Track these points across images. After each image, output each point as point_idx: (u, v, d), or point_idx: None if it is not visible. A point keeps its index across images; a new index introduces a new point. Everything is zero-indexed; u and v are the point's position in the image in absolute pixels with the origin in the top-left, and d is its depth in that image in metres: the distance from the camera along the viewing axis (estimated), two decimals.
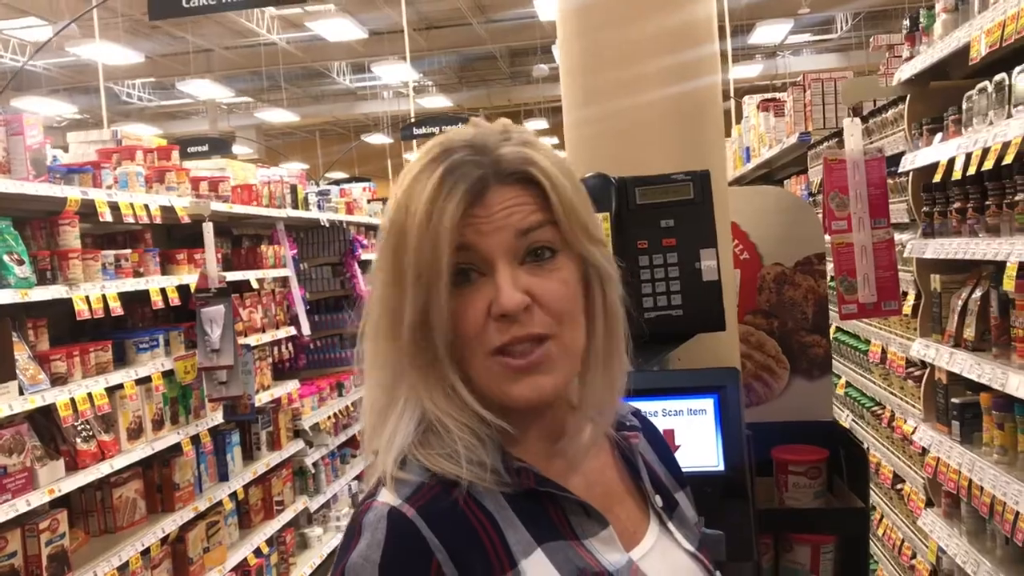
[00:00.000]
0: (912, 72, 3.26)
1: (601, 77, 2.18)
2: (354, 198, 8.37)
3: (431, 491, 0.97)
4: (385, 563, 0.93)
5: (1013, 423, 2.65)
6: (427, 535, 0.94)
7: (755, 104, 6.82)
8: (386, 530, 0.95)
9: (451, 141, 1.02)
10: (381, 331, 1.02)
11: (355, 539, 0.96)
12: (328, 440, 6.53)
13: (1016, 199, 2.52)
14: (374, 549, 0.94)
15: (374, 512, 0.97)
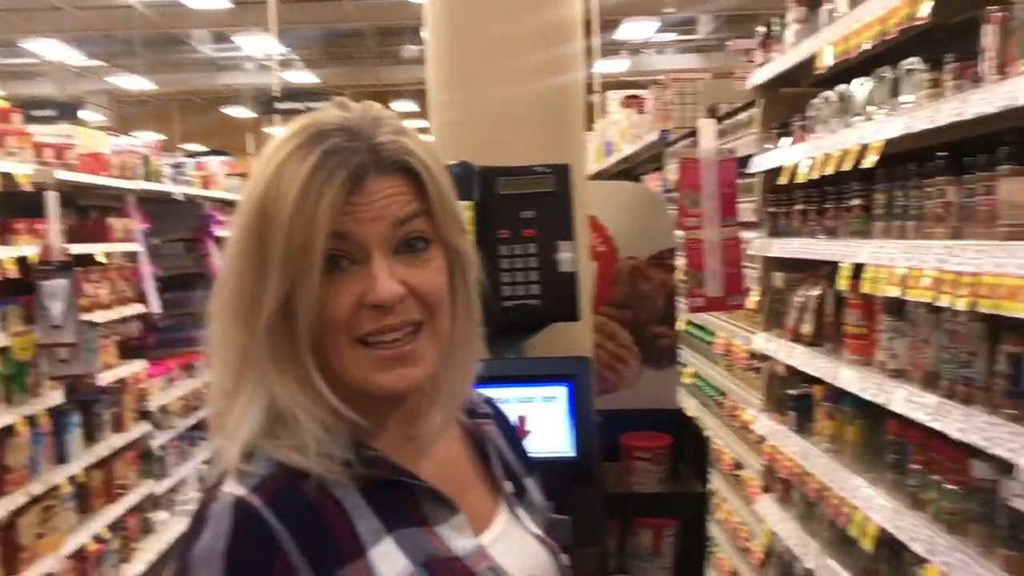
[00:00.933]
0: (764, 78, 3.42)
1: (469, 67, 2.19)
2: (211, 172, 8.10)
3: (279, 481, 0.96)
4: (231, 554, 0.92)
5: (842, 414, 2.83)
6: (275, 526, 0.93)
7: (618, 100, 6.98)
8: (231, 520, 0.93)
9: (324, 123, 1.00)
10: (233, 313, 1.00)
11: (200, 529, 0.95)
12: (177, 422, 6.33)
13: (852, 204, 2.68)
14: (220, 540, 0.93)
15: (219, 502, 0.95)
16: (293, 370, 0.99)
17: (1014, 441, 1.79)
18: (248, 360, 0.99)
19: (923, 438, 2.26)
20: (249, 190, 1.00)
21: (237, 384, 1.00)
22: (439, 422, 1.09)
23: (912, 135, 2.20)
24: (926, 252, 2.11)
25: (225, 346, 1.01)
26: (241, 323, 0.99)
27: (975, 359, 2.02)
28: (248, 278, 0.98)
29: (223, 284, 1.01)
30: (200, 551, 0.93)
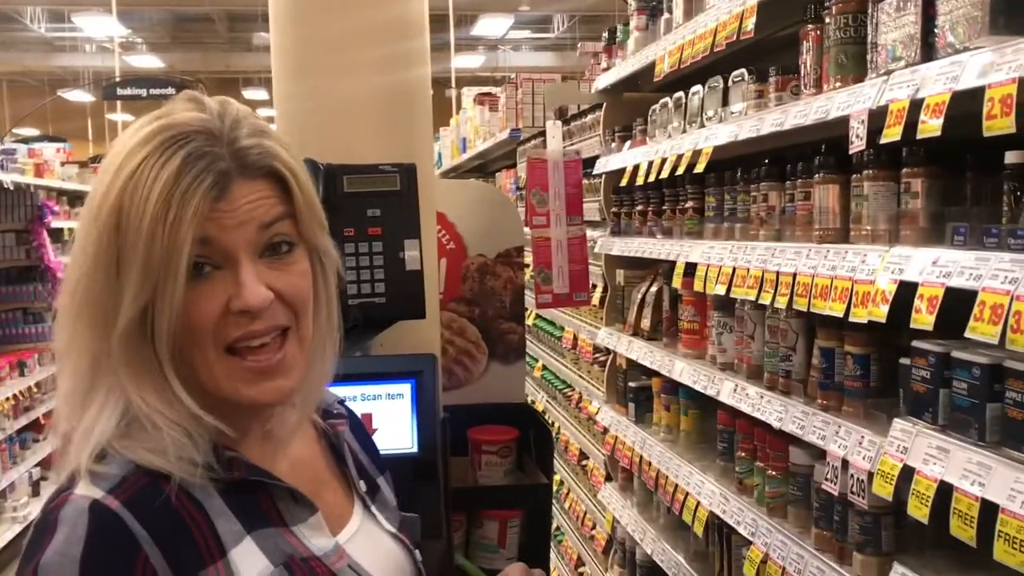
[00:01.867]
0: (608, 82, 3.54)
1: (312, 61, 2.18)
2: (45, 159, 7.68)
3: (136, 483, 0.94)
4: (87, 559, 0.89)
5: (677, 405, 2.97)
6: (134, 528, 0.92)
7: (472, 97, 7.04)
8: (88, 524, 0.91)
9: (182, 126, 0.98)
10: (84, 318, 0.97)
11: (48, 535, 0.91)
12: (6, 423, 5.98)
13: (686, 206, 2.82)
14: (74, 544, 0.90)
15: (72, 506, 0.92)
16: (150, 377, 0.97)
17: (825, 429, 1.94)
18: (100, 364, 0.97)
19: (748, 427, 2.41)
20: (101, 193, 0.96)
21: (88, 388, 0.98)
22: (294, 422, 1.10)
23: (740, 143, 2.34)
24: (750, 253, 2.25)
25: (75, 350, 0.99)
26: (94, 328, 0.96)
27: (794, 353, 2.17)
28: (101, 284, 0.96)
29: (72, 288, 0.98)
30: (52, 558, 0.89)
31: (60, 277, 7.11)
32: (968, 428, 1.52)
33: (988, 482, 1.42)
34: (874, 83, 1.73)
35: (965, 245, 1.53)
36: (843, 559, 1.93)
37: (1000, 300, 1.36)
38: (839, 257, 1.86)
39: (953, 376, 1.56)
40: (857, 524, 1.87)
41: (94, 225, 0.96)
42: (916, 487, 1.57)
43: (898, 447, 1.65)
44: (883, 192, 1.79)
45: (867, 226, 1.83)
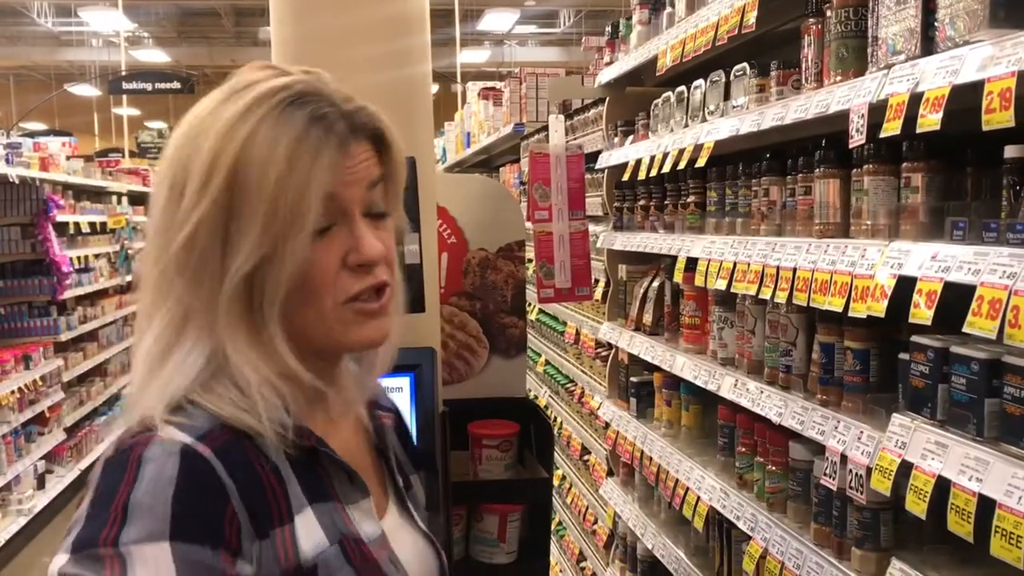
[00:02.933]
0: (611, 76, 3.53)
1: (313, 56, 2.18)
2: (51, 153, 7.69)
3: (222, 437, 0.95)
4: (180, 500, 0.89)
5: (679, 400, 2.97)
6: (223, 478, 0.93)
7: (477, 92, 7.04)
8: (178, 466, 0.91)
9: (299, 86, 1.00)
10: (186, 276, 0.99)
11: (129, 472, 0.91)
12: (11, 417, 6.00)
13: (688, 200, 2.81)
14: (164, 485, 0.90)
15: (160, 447, 0.92)
16: (252, 333, 0.99)
17: (824, 424, 1.93)
18: (191, 320, 0.99)
19: (749, 422, 2.41)
20: (210, 156, 0.97)
21: (171, 344, 0.99)
22: (353, 399, 1.14)
23: (742, 137, 2.33)
24: (751, 248, 2.25)
25: (166, 307, 1.00)
26: (196, 285, 0.98)
27: (794, 348, 2.16)
28: (207, 243, 0.97)
29: (168, 249, 0.99)
30: (142, 497, 0.89)
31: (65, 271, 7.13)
32: (966, 423, 1.51)
33: (986, 477, 1.41)
34: (874, 77, 1.73)
35: (964, 240, 1.52)
36: (842, 554, 1.93)
37: (998, 295, 1.36)
38: (839, 252, 1.85)
39: (952, 371, 1.56)
40: (856, 519, 1.86)
41: (202, 188, 0.97)
42: (914, 482, 1.56)
43: (897, 442, 1.64)
44: (883, 187, 1.79)
45: (867, 221, 1.82)
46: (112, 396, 8.53)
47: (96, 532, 0.88)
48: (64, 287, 7.23)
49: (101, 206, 8.95)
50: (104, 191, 9.40)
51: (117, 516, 0.88)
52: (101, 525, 0.88)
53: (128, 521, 0.88)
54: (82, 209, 8.27)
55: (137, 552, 0.87)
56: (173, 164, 1.00)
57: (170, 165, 1.00)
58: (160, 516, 0.88)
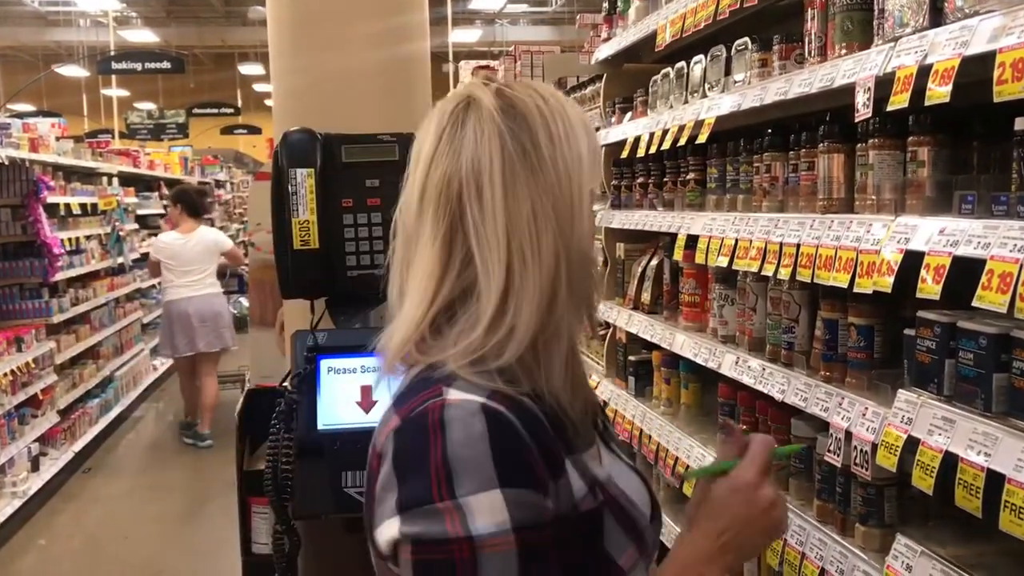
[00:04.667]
0: (608, 53, 3.50)
1: (310, 33, 2.15)
2: (40, 134, 7.61)
3: (505, 395, 1.04)
4: (497, 451, 0.99)
5: (678, 378, 2.96)
6: (521, 430, 1.02)
7: (470, 70, 6.99)
8: (485, 422, 1.00)
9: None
10: (558, 262, 1.09)
11: (435, 435, 1.00)
12: (4, 399, 5.97)
13: (688, 178, 2.79)
14: (478, 440, 0.99)
15: (458, 408, 1.01)
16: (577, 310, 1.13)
17: (828, 401, 1.92)
18: (558, 294, 1.09)
19: (750, 399, 2.40)
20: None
21: (546, 323, 1.09)
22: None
23: (743, 112, 2.31)
24: (753, 224, 2.23)
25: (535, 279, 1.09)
26: (550, 264, 1.09)
27: (796, 325, 2.15)
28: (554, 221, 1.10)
29: (522, 228, 1.09)
30: (462, 452, 0.98)
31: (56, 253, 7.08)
32: (974, 398, 1.50)
33: (994, 452, 1.41)
34: (880, 49, 1.71)
35: (973, 214, 1.50)
36: (845, 531, 1.92)
37: (1009, 268, 1.34)
38: (843, 227, 1.84)
39: (959, 346, 1.55)
40: (860, 496, 1.86)
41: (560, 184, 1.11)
42: (920, 458, 1.56)
43: (902, 418, 1.64)
44: (888, 161, 1.77)
45: (872, 196, 1.80)
46: (105, 378, 8.50)
47: (425, 490, 0.99)
48: (55, 269, 7.17)
49: (92, 187, 8.87)
50: (95, 172, 9.31)
51: (440, 473, 0.98)
52: (427, 483, 0.99)
53: (455, 476, 0.98)
54: (72, 190, 8.20)
55: (474, 502, 0.97)
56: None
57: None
58: (485, 467, 0.98)
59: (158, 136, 18.69)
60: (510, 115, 1.11)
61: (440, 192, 1.12)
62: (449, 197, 1.11)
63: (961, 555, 1.59)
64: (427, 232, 1.13)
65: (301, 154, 1.94)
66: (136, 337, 9.77)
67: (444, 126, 1.14)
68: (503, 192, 1.09)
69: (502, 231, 1.09)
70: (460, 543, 0.97)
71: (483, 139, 1.10)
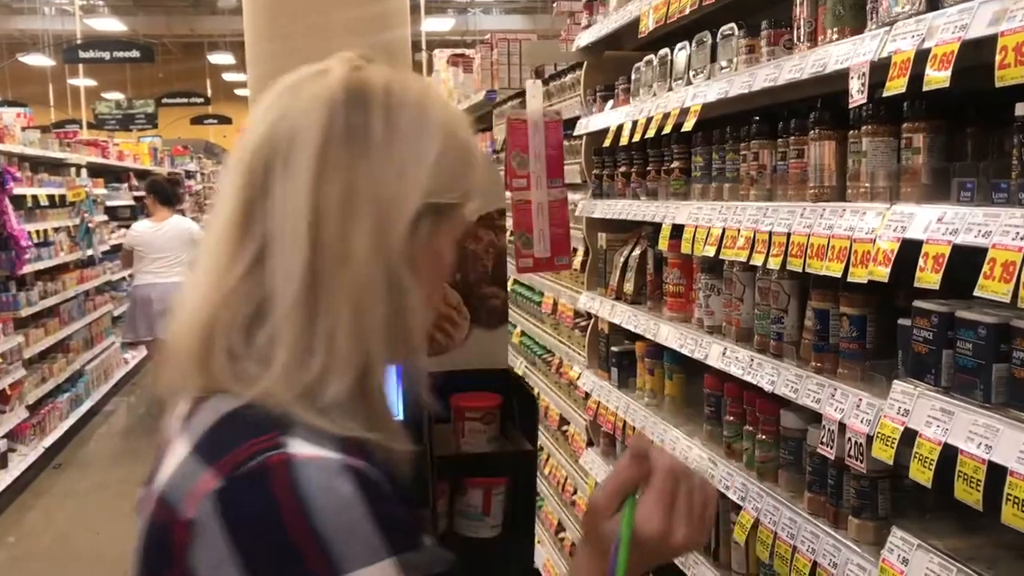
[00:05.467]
0: (589, 40, 3.45)
1: (289, 21, 2.09)
2: (5, 124, 7.46)
3: (357, 447, 0.90)
4: (376, 516, 0.84)
5: (662, 369, 2.93)
6: (388, 488, 0.89)
7: (445, 59, 6.91)
8: (355, 485, 0.85)
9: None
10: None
11: (291, 503, 0.83)
12: None
13: (672, 166, 2.76)
14: (353, 507, 0.84)
15: (315, 467, 0.85)
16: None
17: (820, 392, 1.90)
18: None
19: (737, 390, 2.37)
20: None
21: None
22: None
23: (730, 99, 2.27)
24: (741, 213, 2.20)
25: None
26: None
27: (785, 315, 2.12)
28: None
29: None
30: (335, 521, 0.82)
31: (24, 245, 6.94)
32: (973, 390, 1.48)
33: (995, 444, 1.38)
34: (875, 34, 1.67)
35: (972, 201, 1.48)
36: (838, 523, 1.90)
37: (1012, 257, 1.32)
38: (836, 215, 1.81)
39: (957, 336, 1.52)
40: (853, 488, 1.84)
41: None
42: (919, 450, 1.53)
43: (899, 410, 1.61)
44: (882, 148, 1.74)
45: (865, 183, 1.77)
46: (75, 373, 8.36)
47: (302, 572, 0.82)
48: (23, 262, 7.04)
49: (60, 179, 8.72)
50: (62, 163, 9.15)
51: (314, 549, 0.82)
52: (300, 564, 0.82)
53: (334, 550, 0.82)
54: (40, 182, 8.06)
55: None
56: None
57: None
58: (369, 536, 0.84)
59: (127, 126, 18.43)
60: (352, 92, 0.98)
61: (249, 156, 0.97)
62: (254, 166, 0.96)
63: (958, 548, 1.57)
64: (223, 206, 0.97)
65: None
66: (107, 330, 9.63)
67: (287, 88, 1.01)
68: (314, 170, 0.93)
69: (304, 215, 0.92)
70: None
71: (311, 108, 0.96)
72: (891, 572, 1.63)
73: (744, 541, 2.22)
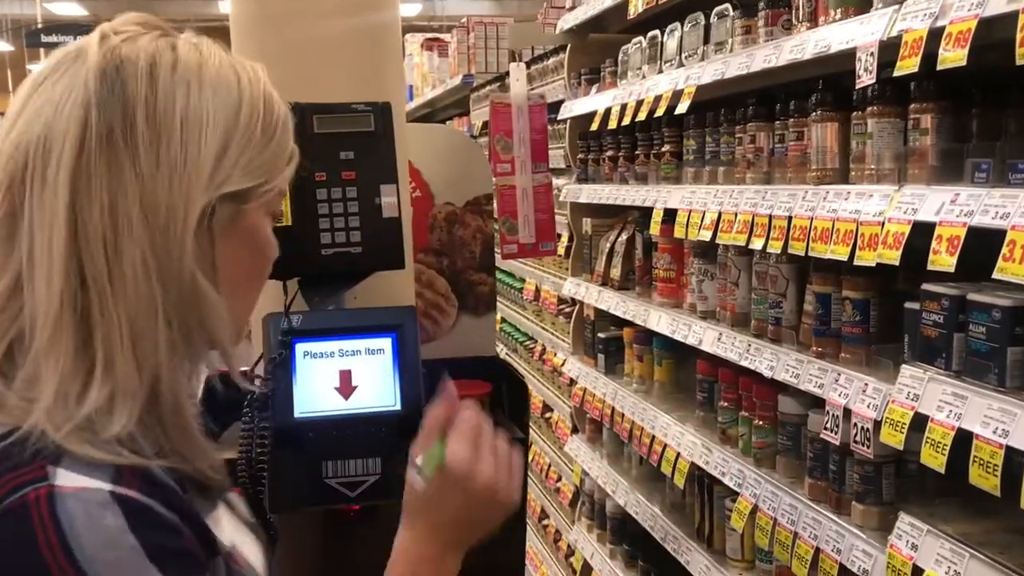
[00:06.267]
0: (574, 23, 3.40)
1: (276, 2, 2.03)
2: None
3: (135, 474, 0.82)
4: (151, 548, 0.78)
5: (651, 355, 2.90)
6: (167, 516, 0.82)
7: (419, 43, 6.83)
8: (123, 515, 0.79)
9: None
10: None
11: (51, 537, 0.76)
12: None
13: (663, 150, 2.72)
14: (120, 537, 0.78)
15: (78, 499, 0.78)
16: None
17: (823, 377, 1.88)
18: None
19: (732, 376, 2.35)
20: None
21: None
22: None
23: (725, 81, 2.24)
24: (738, 196, 2.17)
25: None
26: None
27: (784, 300, 2.10)
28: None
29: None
30: (101, 555, 0.77)
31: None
32: (986, 373, 1.46)
33: (1013, 429, 1.36)
34: (883, 13, 1.64)
35: (988, 182, 1.45)
36: (840, 509, 1.88)
37: None
38: (841, 198, 1.78)
39: (969, 320, 1.50)
40: (857, 474, 1.82)
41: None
42: (931, 435, 1.51)
43: (908, 394, 1.59)
44: (889, 129, 1.71)
45: (871, 165, 1.75)
46: None
47: None
48: None
49: None
50: None
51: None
52: None
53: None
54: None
55: None
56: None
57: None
58: (139, 568, 0.78)
59: None
60: (110, 79, 0.86)
61: (4, 163, 0.86)
62: (13, 173, 0.86)
63: (968, 533, 1.55)
64: None
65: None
66: None
67: (43, 77, 0.89)
68: (70, 180, 0.84)
69: (61, 240, 0.83)
70: None
71: (67, 104, 0.85)
72: (900, 558, 1.62)
73: (743, 527, 2.20)
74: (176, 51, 0.91)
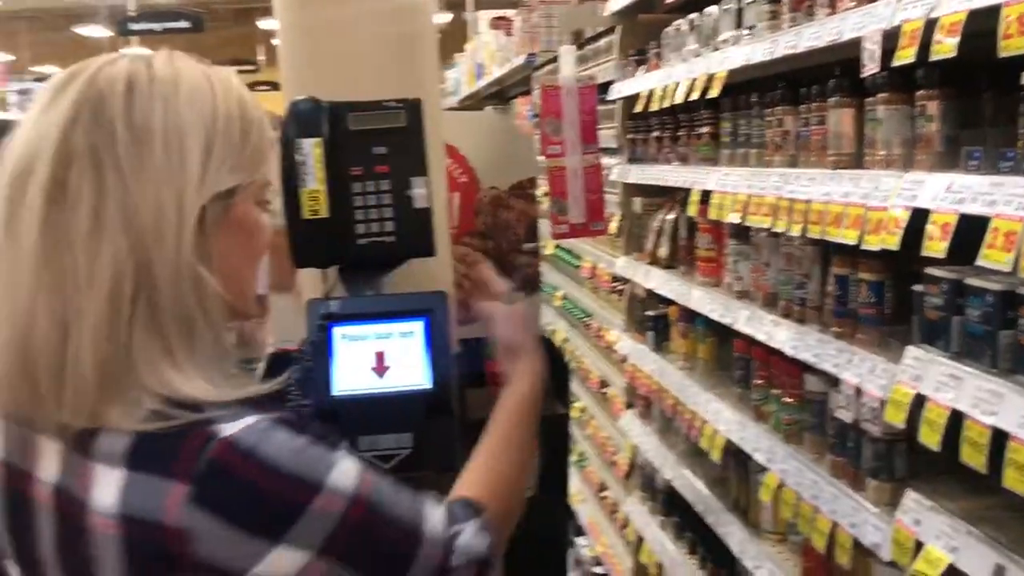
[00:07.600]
0: (623, 3, 3.45)
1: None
2: None
3: (260, 403, 0.99)
4: (313, 437, 0.99)
5: (695, 333, 2.96)
6: (298, 419, 1.01)
7: (488, 21, 6.91)
8: (285, 426, 0.97)
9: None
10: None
11: (252, 468, 0.93)
12: None
13: (702, 131, 2.77)
14: (292, 438, 0.96)
15: (251, 432, 0.94)
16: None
17: (839, 357, 1.92)
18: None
19: (765, 355, 2.40)
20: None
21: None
22: None
23: (754, 66, 2.28)
24: (765, 180, 2.21)
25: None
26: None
27: (808, 281, 2.14)
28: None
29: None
30: (289, 453, 0.95)
31: None
32: (981, 356, 1.50)
33: (999, 410, 1.41)
34: (888, 3, 1.67)
35: (980, 169, 1.49)
36: (857, 485, 1.93)
37: (1014, 227, 1.33)
38: (852, 183, 1.82)
39: (966, 303, 1.54)
40: (870, 451, 1.87)
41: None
42: (928, 415, 1.56)
43: (911, 375, 1.64)
44: (897, 116, 1.74)
45: (881, 151, 1.78)
46: None
47: (293, 500, 0.95)
48: None
49: None
50: None
51: (292, 489, 0.95)
52: (291, 507, 0.94)
53: (305, 478, 0.96)
54: None
55: (336, 472, 0.99)
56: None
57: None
58: (319, 452, 0.99)
59: None
60: (92, 106, 0.96)
61: (5, 174, 0.97)
62: (12, 185, 0.96)
63: (969, 509, 1.60)
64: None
65: (308, 124, 1.95)
66: None
67: (46, 99, 0.98)
68: (41, 213, 0.93)
69: (32, 246, 0.93)
70: (357, 503, 0.99)
71: (50, 129, 0.95)
72: (905, 533, 1.67)
73: (770, 501, 2.27)
74: (152, 68, 1.00)
